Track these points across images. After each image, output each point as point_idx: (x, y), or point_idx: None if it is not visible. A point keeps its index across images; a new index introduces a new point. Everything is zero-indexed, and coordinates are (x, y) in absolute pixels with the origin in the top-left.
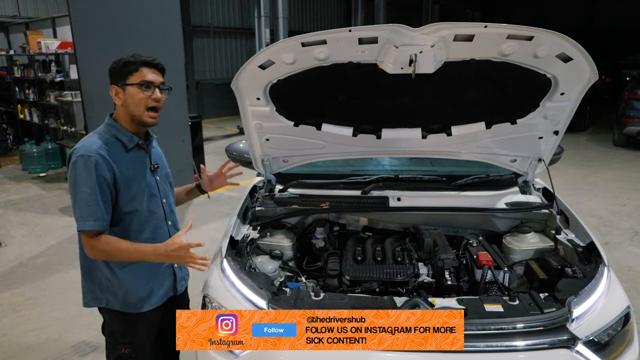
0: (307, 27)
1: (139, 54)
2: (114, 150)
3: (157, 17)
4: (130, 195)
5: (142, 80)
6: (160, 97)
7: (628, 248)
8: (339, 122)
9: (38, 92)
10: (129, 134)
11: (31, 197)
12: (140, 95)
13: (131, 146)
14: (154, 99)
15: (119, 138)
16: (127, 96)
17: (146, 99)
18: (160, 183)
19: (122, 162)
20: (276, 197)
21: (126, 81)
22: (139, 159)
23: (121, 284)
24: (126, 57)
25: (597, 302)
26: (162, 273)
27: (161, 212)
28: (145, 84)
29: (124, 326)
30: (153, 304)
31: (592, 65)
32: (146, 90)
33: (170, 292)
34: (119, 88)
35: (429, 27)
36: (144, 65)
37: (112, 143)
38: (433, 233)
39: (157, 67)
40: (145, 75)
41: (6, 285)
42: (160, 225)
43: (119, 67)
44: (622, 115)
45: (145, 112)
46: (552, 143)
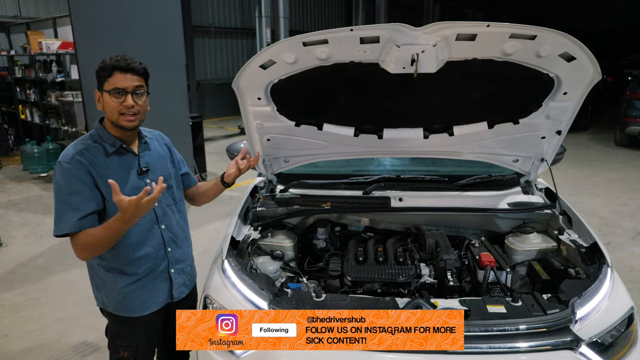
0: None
1: (118, 57)
2: (93, 154)
3: (158, 17)
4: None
5: (114, 87)
6: (132, 104)
7: (630, 248)
8: (340, 122)
9: (39, 93)
10: (112, 138)
11: (32, 197)
12: (112, 103)
13: (112, 150)
14: (125, 105)
15: (100, 143)
16: (104, 102)
17: (117, 105)
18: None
19: (101, 166)
20: (277, 198)
21: (102, 87)
22: (124, 162)
23: (111, 287)
24: (105, 59)
25: (601, 303)
26: (156, 279)
27: (151, 215)
28: (116, 91)
29: (121, 329)
30: (147, 310)
31: (595, 65)
32: (117, 98)
33: (168, 298)
34: (99, 93)
35: (431, 27)
36: (116, 70)
37: (93, 148)
38: (435, 233)
39: (132, 71)
40: (117, 81)
41: (7, 286)
42: (150, 229)
43: (97, 71)
44: (623, 115)
45: (120, 117)
46: (555, 143)
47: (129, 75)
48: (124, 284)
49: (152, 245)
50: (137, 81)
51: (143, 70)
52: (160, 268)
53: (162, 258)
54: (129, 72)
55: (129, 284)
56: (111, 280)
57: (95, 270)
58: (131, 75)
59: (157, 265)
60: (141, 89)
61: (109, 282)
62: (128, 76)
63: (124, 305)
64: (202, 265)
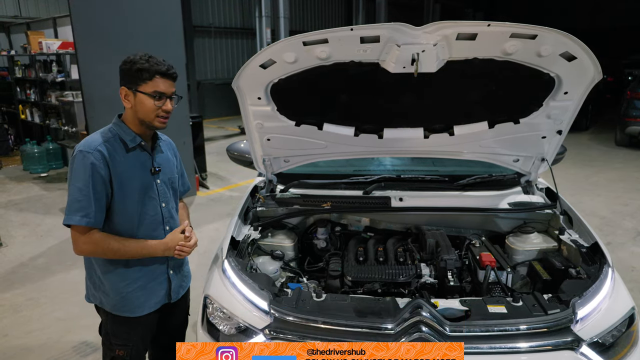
0: (308, 27)
1: (155, 60)
2: (114, 148)
3: (158, 17)
4: (123, 193)
5: (155, 91)
6: (171, 108)
7: (631, 248)
8: (340, 121)
9: (39, 93)
10: (132, 134)
11: (32, 197)
12: (151, 105)
13: (132, 146)
14: (165, 109)
15: (121, 137)
16: (138, 102)
17: (157, 109)
18: (161, 187)
19: (120, 160)
20: (277, 197)
21: (138, 87)
22: (139, 159)
23: (110, 287)
24: (140, 59)
25: (602, 303)
26: (154, 280)
27: (159, 215)
28: (158, 95)
29: (117, 328)
30: (145, 310)
31: (596, 64)
32: (158, 101)
33: (165, 299)
34: (129, 91)
35: (431, 26)
36: (158, 75)
37: (114, 141)
38: (435, 233)
39: (170, 77)
40: (159, 85)
41: (7, 286)
42: (156, 228)
43: (132, 70)
44: (624, 114)
45: (156, 118)
46: (556, 143)
47: (169, 80)
48: (124, 284)
49: None
50: (174, 87)
51: (176, 76)
52: (161, 269)
53: (163, 259)
54: (169, 78)
55: (129, 284)
56: (111, 280)
57: (94, 269)
58: (170, 80)
59: (158, 267)
60: (175, 94)
61: (108, 282)
62: (168, 81)
63: (123, 305)
64: (202, 265)
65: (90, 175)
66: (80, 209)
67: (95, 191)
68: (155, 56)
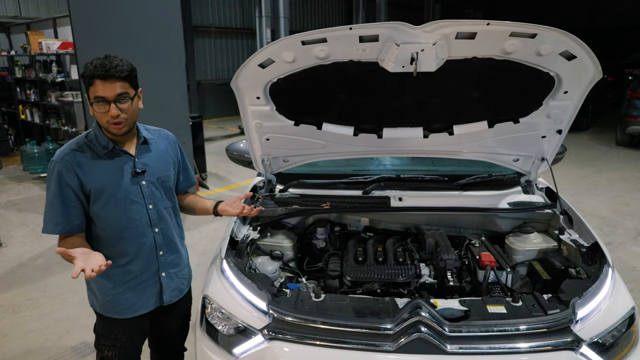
0: (308, 27)
1: (99, 62)
2: (85, 155)
3: (158, 17)
4: (100, 199)
5: (95, 96)
6: (117, 114)
7: (632, 248)
8: (339, 121)
9: (39, 93)
10: (105, 139)
11: (32, 197)
12: (97, 112)
13: (103, 152)
14: (111, 115)
15: (94, 143)
16: (92, 108)
17: (103, 115)
18: (147, 188)
19: (91, 167)
20: (276, 197)
21: (88, 93)
22: (116, 164)
23: (98, 288)
24: (89, 64)
25: (602, 303)
26: (144, 282)
27: (145, 219)
28: (98, 100)
29: (106, 329)
30: (134, 312)
31: (596, 63)
32: (101, 107)
33: (157, 302)
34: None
35: (430, 25)
36: (96, 79)
37: (87, 147)
38: (435, 233)
39: (112, 78)
40: (98, 90)
41: (6, 286)
42: (142, 233)
43: (80, 76)
44: (624, 114)
45: (109, 125)
46: (555, 142)
47: (109, 82)
48: (111, 286)
49: (143, 249)
50: (119, 88)
51: (126, 73)
52: (150, 272)
53: (153, 262)
54: (109, 79)
55: (117, 286)
56: (98, 282)
57: None
58: (112, 82)
59: (147, 269)
60: (125, 95)
61: (95, 283)
62: (108, 84)
63: (112, 307)
64: (201, 265)
65: (58, 185)
66: (51, 218)
67: (64, 200)
68: (110, 56)
